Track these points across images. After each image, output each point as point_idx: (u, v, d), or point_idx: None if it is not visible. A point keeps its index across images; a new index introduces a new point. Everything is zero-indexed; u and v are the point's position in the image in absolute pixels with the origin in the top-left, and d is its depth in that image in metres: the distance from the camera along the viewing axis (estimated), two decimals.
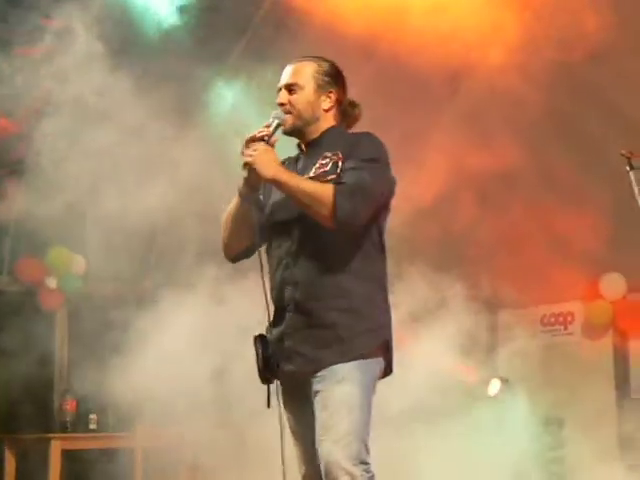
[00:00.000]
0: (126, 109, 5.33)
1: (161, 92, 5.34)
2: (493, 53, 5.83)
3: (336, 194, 3.06)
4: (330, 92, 3.28)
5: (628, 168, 3.73)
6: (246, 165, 3.16)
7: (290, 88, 3.26)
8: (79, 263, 6.74)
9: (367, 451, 3.05)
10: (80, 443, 6.39)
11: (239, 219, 3.26)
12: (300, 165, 3.31)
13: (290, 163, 3.36)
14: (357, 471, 2.98)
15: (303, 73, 3.26)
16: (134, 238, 6.01)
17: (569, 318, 7.74)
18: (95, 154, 5.53)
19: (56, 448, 6.14)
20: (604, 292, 7.44)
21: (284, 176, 3.12)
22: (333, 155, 3.19)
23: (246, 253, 3.35)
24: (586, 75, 6.05)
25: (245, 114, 6.24)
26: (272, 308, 3.23)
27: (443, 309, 6.46)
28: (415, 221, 5.94)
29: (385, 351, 3.20)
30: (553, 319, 7.84)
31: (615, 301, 7.39)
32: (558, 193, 6.66)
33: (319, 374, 3.08)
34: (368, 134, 3.26)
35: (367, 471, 3.02)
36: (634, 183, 3.70)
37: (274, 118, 3.22)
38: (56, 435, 6.24)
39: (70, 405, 6.38)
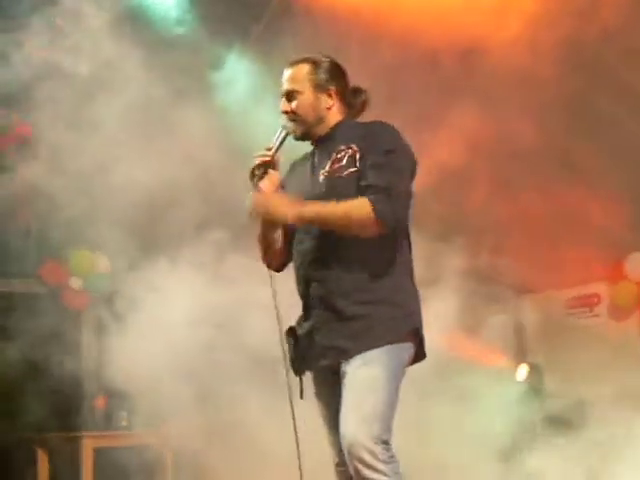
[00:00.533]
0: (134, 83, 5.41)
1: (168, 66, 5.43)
2: (506, 31, 5.81)
3: (374, 204, 3.06)
4: (329, 89, 3.30)
5: None
6: (255, 214, 3.23)
7: (289, 95, 3.30)
8: (103, 263, 6.80)
9: (390, 432, 3.07)
10: (111, 441, 6.45)
11: (272, 240, 3.35)
12: (315, 161, 3.32)
13: (304, 161, 3.39)
14: (378, 449, 3.00)
15: (299, 78, 3.28)
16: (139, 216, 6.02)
17: (595, 300, 7.70)
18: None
19: (87, 446, 6.22)
20: (629, 273, 7.39)
21: (309, 211, 3.13)
22: (347, 148, 3.20)
23: (286, 262, 3.42)
24: (600, 53, 5.99)
25: (252, 92, 6.27)
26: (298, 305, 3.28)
27: (466, 295, 6.43)
28: (427, 202, 5.94)
29: (415, 337, 3.22)
30: (579, 302, 7.80)
31: None
32: (575, 174, 6.61)
33: (348, 363, 3.12)
34: (380, 123, 3.26)
35: (388, 450, 3.04)
36: None
37: (281, 128, 3.29)
38: (87, 433, 6.32)
39: (100, 403, 6.45)
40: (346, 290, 3.15)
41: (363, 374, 3.08)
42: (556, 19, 5.83)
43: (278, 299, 3.35)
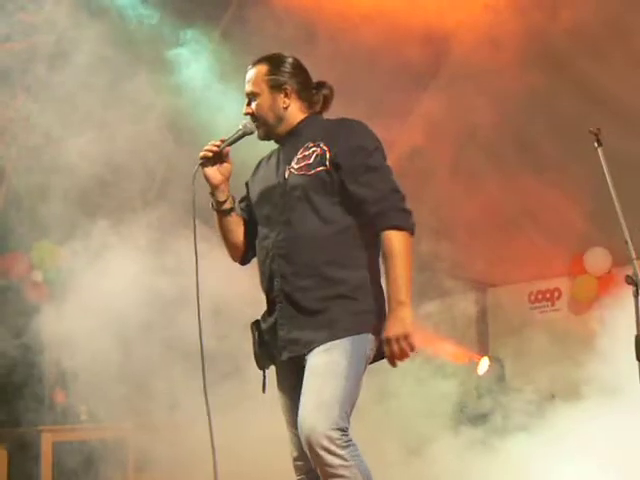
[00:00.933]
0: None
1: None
2: (470, 21, 5.85)
3: (399, 226, 3.12)
4: (285, 89, 3.31)
5: (596, 145, 3.75)
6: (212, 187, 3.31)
7: (250, 98, 3.33)
8: (65, 256, 6.72)
9: (347, 419, 3.06)
10: (71, 435, 6.39)
11: (226, 232, 3.39)
12: (280, 158, 3.33)
13: (270, 158, 3.41)
14: (335, 434, 3.00)
15: (256, 79, 3.31)
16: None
17: (556, 294, 7.78)
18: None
19: (47, 440, 6.16)
20: (589, 267, 7.47)
21: (407, 296, 3.10)
22: (315, 146, 3.21)
23: (250, 255, 3.44)
24: (562, 46, 6.05)
25: (209, 74, 6.26)
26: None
27: (430, 288, 6.46)
28: None
29: (377, 333, 3.19)
30: (540, 296, 7.87)
31: (601, 276, 7.43)
32: (537, 169, 6.67)
33: (311, 353, 3.12)
34: (353, 122, 3.28)
35: (345, 435, 3.03)
36: (602, 160, 3.71)
37: (240, 127, 3.32)
38: (47, 427, 6.25)
39: (60, 397, 6.39)
40: (308, 285, 3.16)
41: (324, 360, 3.09)
42: (520, 12, 5.88)
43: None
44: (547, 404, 6.55)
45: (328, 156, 3.18)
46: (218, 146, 3.31)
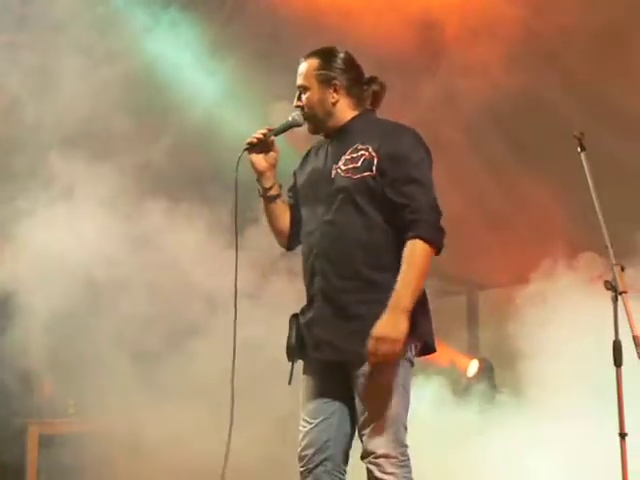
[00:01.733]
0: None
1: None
2: (463, 18, 5.86)
3: (424, 237, 3.13)
4: (334, 84, 3.34)
5: (579, 149, 3.75)
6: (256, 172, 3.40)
7: (300, 91, 3.38)
8: None
9: (405, 432, 3.21)
10: (57, 428, 6.38)
11: (272, 218, 3.48)
12: (329, 154, 3.36)
13: (319, 150, 3.44)
14: (394, 453, 3.15)
15: (307, 73, 3.35)
16: None
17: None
18: None
19: (33, 433, 6.14)
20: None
21: (408, 301, 3.11)
22: (364, 150, 3.24)
23: (296, 241, 3.50)
24: (554, 47, 6.06)
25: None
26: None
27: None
28: None
29: (417, 339, 3.24)
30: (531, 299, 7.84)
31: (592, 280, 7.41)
32: (531, 171, 6.67)
33: (358, 367, 3.18)
34: (405, 130, 3.31)
35: (403, 454, 3.18)
36: (585, 165, 3.71)
37: (290, 118, 3.38)
38: (32, 421, 6.23)
39: (47, 389, 6.37)
40: (348, 287, 3.21)
41: (374, 384, 3.16)
42: (512, 12, 5.89)
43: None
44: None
45: (375, 162, 3.21)
46: (264, 134, 3.37)
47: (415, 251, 3.12)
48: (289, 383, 3.34)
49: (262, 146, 3.39)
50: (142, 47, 6.23)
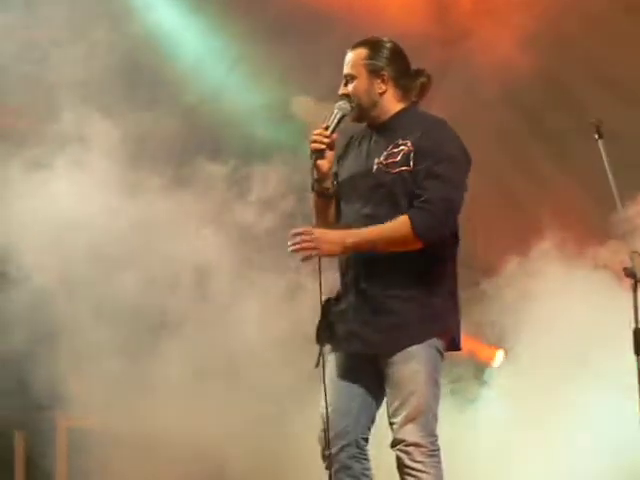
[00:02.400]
0: None
1: None
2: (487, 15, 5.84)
3: (414, 221, 3.20)
4: (382, 75, 3.40)
5: (597, 137, 3.73)
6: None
7: (347, 79, 3.43)
8: None
9: (436, 422, 3.31)
10: (86, 421, 6.38)
11: (321, 212, 3.50)
12: (371, 147, 3.43)
13: (362, 140, 3.50)
14: (424, 442, 3.25)
15: (355, 62, 3.41)
16: None
17: None
18: None
19: (62, 427, 6.20)
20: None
21: (352, 242, 3.23)
22: (403, 145, 3.31)
23: None
24: (577, 39, 6.02)
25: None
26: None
27: None
28: None
29: (446, 336, 3.36)
30: None
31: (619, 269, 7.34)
32: (557, 160, 6.63)
33: (388, 357, 3.27)
34: (443, 125, 3.39)
35: (432, 444, 3.28)
36: (603, 152, 3.70)
37: (337, 109, 3.41)
38: (61, 413, 6.27)
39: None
40: (383, 282, 3.27)
41: (405, 372, 3.25)
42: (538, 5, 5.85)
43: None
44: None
45: (412, 156, 3.28)
46: (328, 136, 3.38)
47: (397, 223, 3.22)
48: (316, 366, 3.37)
49: (327, 148, 3.41)
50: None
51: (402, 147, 3.31)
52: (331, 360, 3.42)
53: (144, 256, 5.63)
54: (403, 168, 3.28)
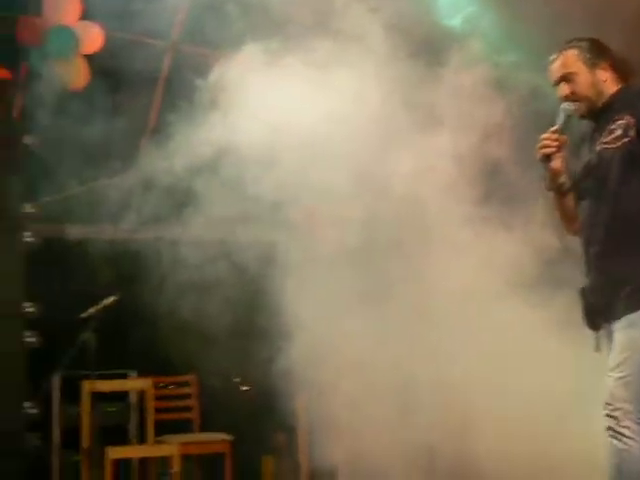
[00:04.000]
0: None
1: None
2: None
3: None
4: (601, 64, 3.53)
5: None
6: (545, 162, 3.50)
7: (566, 79, 3.53)
8: None
9: None
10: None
11: (565, 209, 3.63)
12: (595, 133, 3.53)
13: (585, 138, 3.61)
14: (630, 407, 3.30)
15: (570, 62, 3.53)
16: None
17: None
18: None
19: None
20: None
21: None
22: (621, 118, 3.41)
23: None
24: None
25: None
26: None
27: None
28: None
29: None
30: None
31: None
32: None
33: (618, 322, 3.37)
34: None
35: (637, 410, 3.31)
36: None
37: (562, 112, 3.51)
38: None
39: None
40: (619, 253, 3.38)
41: (626, 336, 3.33)
42: None
43: None
44: None
45: (632, 126, 3.38)
46: (558, 140, 3.49)
47: None
48: (596, 351, 3.49)
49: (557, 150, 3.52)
50: None
51: (620, 122, 3.42)
52: (603, 341, 3.52)
53: None
54: (625, 140, 3.40)
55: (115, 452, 5.43)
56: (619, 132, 3.41)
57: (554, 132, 3.51)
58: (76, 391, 5.75)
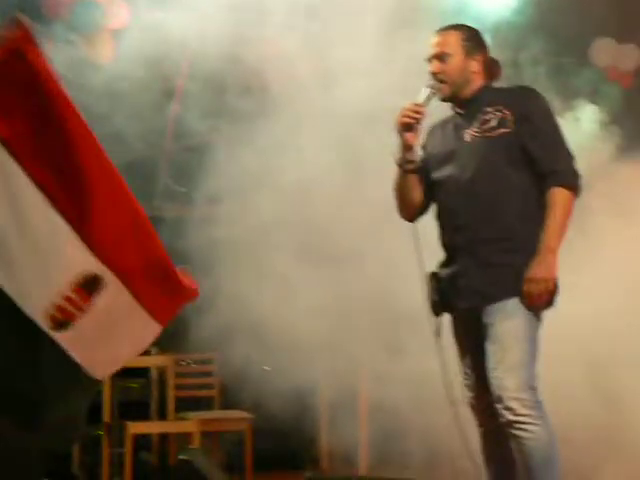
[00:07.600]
0: None
1: None
2: None
3: (566, 185, 3.42)
4: (476, 55, 3.58)
5: None
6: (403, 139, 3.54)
7: (440, 57, 3.56)
8: None
9: (535, 378, 3.38)
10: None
11: (407, 190, 3.63)
12: (458, 123, 3.59)
13: (445, 124, 3.67)
14: (525, 395, 3.33)
15: (450, 42, 3.57)
16: None
17: None
18: None
19: None
20: None
21: (556, 244, 3.41)
22: (496, 111, 3.49)
23: (421, 213, 3.71)
24: None
25: None
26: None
27: None
28: None
29: None
30: None
31: None
32: None
33: (489, 308, 3.42)
34: (526, 88, 3.67)
35: (534, 395, 3.35)
36: None
37: (427, 88, 3.54)
38: None
39: None
40: (487, 238, 3.45)
41: (506, 326, 3.37)
42: None
43: None
44: None
45: (510, 119, 3.45)
46: (418, 112, 3.52)
47: (556, 197, 3.39)
48: (437, 336, 3.56)
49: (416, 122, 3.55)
50: None
51: (496, 112, 3.48)
52: (456, 333, 3.61)
53: None
54: (502, 130, 3.45)
55: (135, 427, 5.48)
56: (494, 123, 3.47)
57: (417, 105, 3.52)
58: None
